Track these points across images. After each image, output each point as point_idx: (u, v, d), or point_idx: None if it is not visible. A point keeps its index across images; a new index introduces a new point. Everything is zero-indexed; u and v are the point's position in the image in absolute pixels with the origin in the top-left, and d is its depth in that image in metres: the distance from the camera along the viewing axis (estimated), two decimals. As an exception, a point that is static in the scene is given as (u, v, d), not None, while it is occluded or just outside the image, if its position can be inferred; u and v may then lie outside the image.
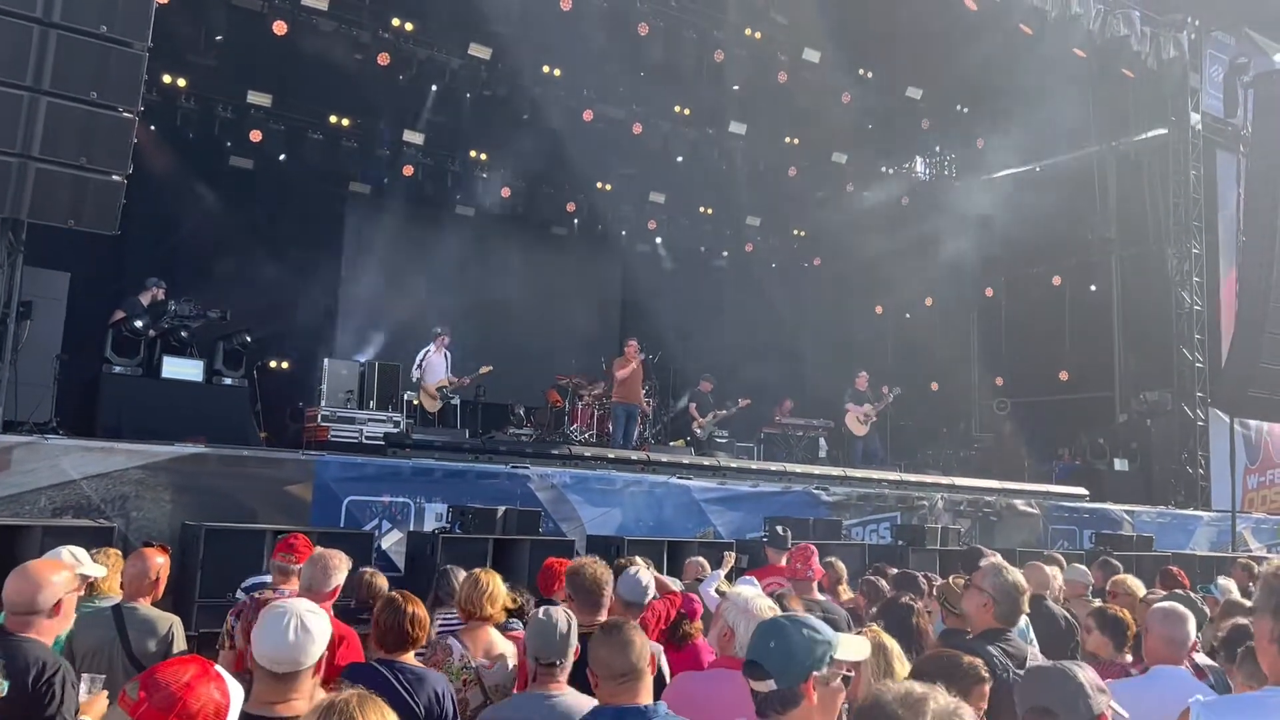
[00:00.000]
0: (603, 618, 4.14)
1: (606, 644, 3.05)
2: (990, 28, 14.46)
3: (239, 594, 5.65)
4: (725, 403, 15.74)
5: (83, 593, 4.07)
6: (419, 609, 3.79)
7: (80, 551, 4.53)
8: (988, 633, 3.90)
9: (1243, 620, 4.53)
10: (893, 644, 3.36)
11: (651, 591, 4.71)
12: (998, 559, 5.04)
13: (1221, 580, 6.93)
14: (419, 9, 14.64)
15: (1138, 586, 5.84)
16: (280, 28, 13.46)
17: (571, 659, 3.44)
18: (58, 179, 7.45)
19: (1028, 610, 4.13)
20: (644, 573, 4.72)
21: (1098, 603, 5.80)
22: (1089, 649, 4.81)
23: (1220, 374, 16.02)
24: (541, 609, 3.60)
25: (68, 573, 3.66)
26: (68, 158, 7.45)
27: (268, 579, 5.53)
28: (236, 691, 2.30)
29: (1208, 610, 4.90)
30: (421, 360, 13.81)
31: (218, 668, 2.31)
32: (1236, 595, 6.27)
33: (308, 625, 2.78)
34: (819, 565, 6.11)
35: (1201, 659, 4.34)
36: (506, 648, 4.33)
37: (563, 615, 3.51)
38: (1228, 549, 13.99)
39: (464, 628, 4.40)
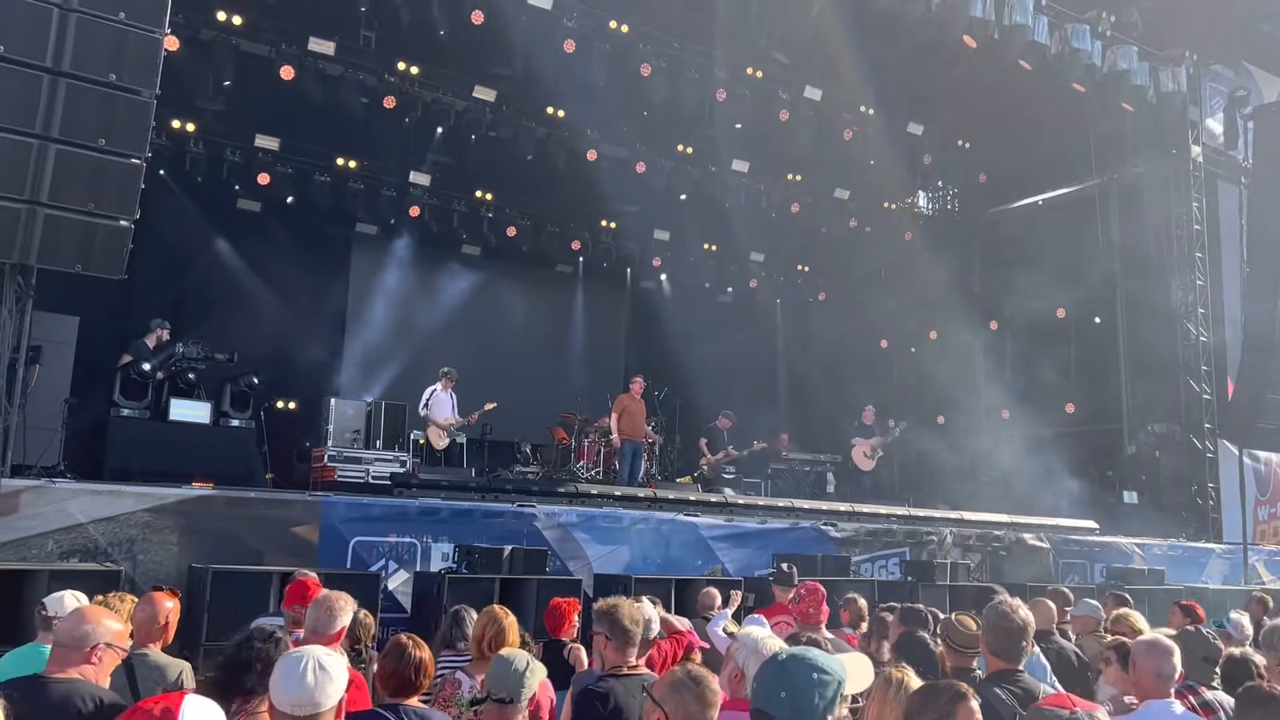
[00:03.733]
0: (632, 658, 4.13)
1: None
2: (990, 64, 14.59)
3: None
4: (733, 445, 15.70)
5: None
6: (425, 655, 3.78)
7: (82, 596, 4.54)
8: (995, 674, 3.87)
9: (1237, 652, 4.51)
10: (914, 683, 3.29)
11: (656, 626, 4.68)
12: (1004, 595, 5.01)
13: (1234, 615, 6.85)
14: (424, 53, 14.84)
15: (1139, 621, 5.79)
16: (287, 72, 13.67)
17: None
18: (66, 225, 7.51)
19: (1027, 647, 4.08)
20: (648, 606, 4.69)
21: (1109, 638, 5.76)
22: (1108, 682, 4.76)
23: (1227, 405, 15.96)
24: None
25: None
26: (76, 204, 7.51)
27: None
28: (198, 709, 2.30)
29: (1222, 645, 4.85)
30: (429, 399, 13.81)
31: (195, 695, 2.35)
32: (1249, 630, 6.21)
33: (325, 666, 2.76)
34: (828, 607, 6.06)
35: (1209, 694, 4.31)
36: None
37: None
38: (1240, 582, 13.87)
39: (472, 662, 4.39)
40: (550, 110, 15.89)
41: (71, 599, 4.45)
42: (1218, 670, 4.45)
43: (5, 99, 7.24)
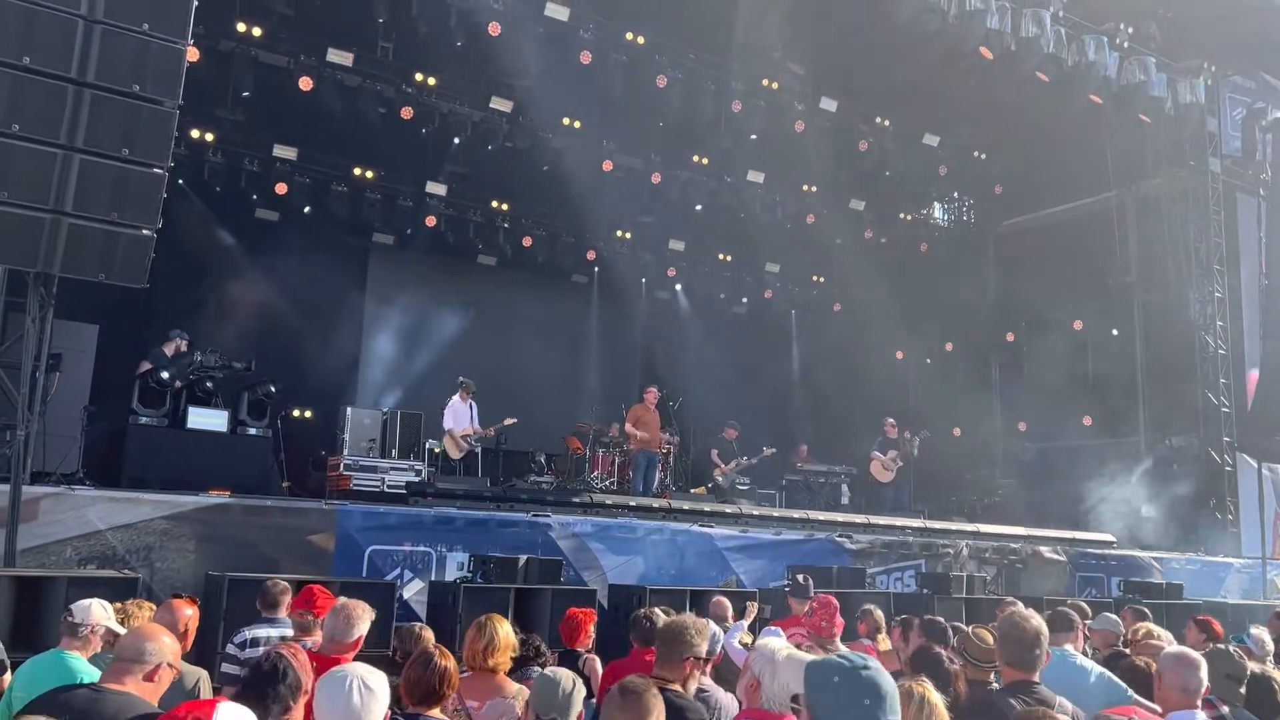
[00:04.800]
0: (667, 673, 4.09)
1: (624, 708, 3.00)
2: (1006, 75, 14.56)
3: (230, 648, 5.59)
4: (747, 452, 15.68)
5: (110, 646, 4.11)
6: (450, 665, 3.78)
7: (108, 605, 4.57)
8: (1012, 684, 3.87)
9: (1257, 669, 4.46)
10: (937, 700, 3.27)
11: (720, 641, 4.64)
12: (1019, 606, 5.00)
13: (1254, 630, 6.78)
14: (441, 64, 14.93)
15: (1161, 635, 5.75)
16: (306, 83, 13.79)
17: (575, 719, 3.42)
18: (89, 234, 7.57)
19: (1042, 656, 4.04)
20: (714, 625, 4.64)
21: (1128, 652, 5.72)
22: None
23: (1246, 418, 15.85)
24: (548, 668, 3.57)
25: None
26: (99, 213, 7.57)
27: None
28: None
29: (1248, 663, 4.80)
30: (449, 412, 13.77)
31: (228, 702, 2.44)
32: (1270, 645, 6.15)
33: (370, 686, 2.82)
34: (841, 619, 6.04)
35: (1225, 709, 4.27)
36: (515, 691, 4.29)
37: (568, 675, 3.50)
38: (1260, 597, 13.74)
39: (469, 675, 4.39)
40: (566, 121, 15.96)
41: (99, 607, 4.50)
42: (1243, 690, 4.41)
43: (31, 110, 7.30)
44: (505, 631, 4.50)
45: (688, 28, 15.08)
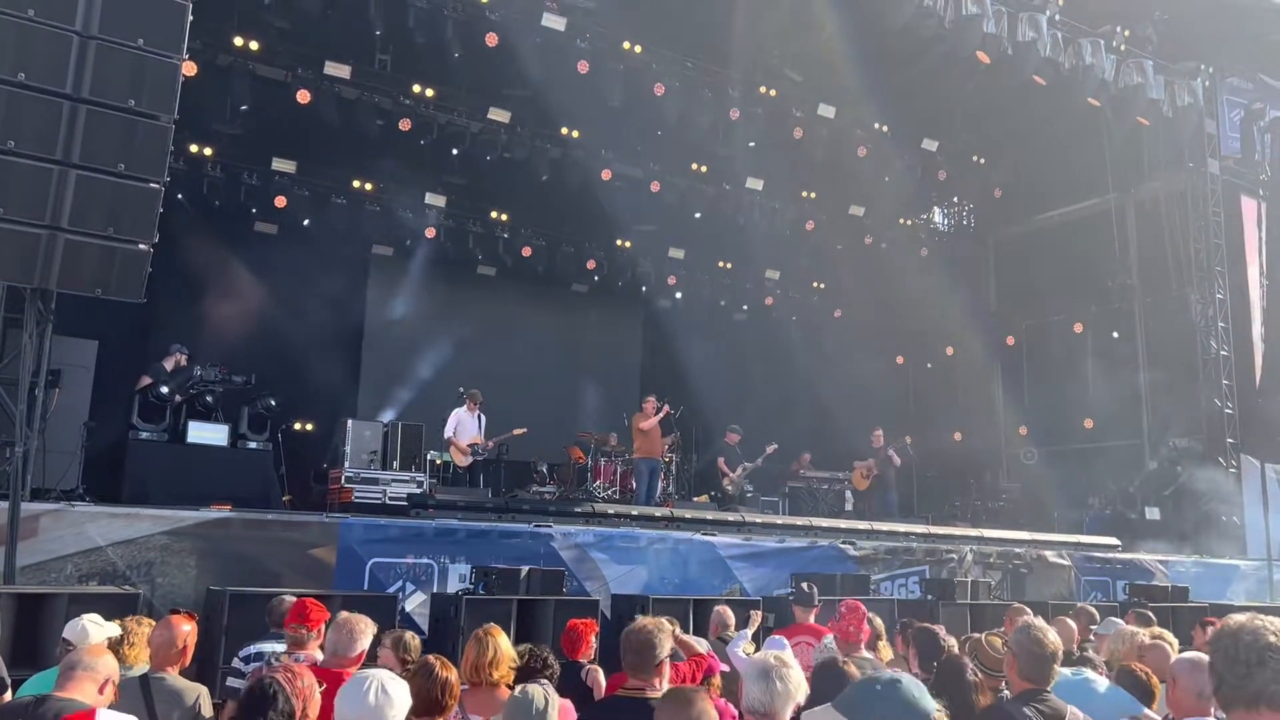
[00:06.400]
0: (656, 680, 4.07)
1: (670, 710, 3.00)
2: (1004, 79, 14.58)
3: (236, 663, 5.56)
4: (750, 455, 15.64)
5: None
6: (452, 676, 3.75)
7: (98, 618, 4.57)
8: (1023, 693, 3.85)
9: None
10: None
11: (666, 648, 4.59)
12: (1028, 615, 4.95)
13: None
14: (439, 75, 14.95)
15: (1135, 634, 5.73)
16: (304, 96, 13.80)
17: None
18: (86, 249, 7.54)
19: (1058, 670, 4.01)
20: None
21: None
22: None
23: (1251, 419, 15.80)
24: (519, 687, 3.55)
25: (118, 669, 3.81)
26: (96, 228, 7.54)
27: (266, 647, 5.47)
28: None
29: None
30: (455, 424, 13.70)
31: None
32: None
33: (388, 690, 2.92)
34: (868, 626, 5.96)
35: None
36: None
37: (539, 692, 3.48)
38: (1266, 599, 13.69)
39: (467, 690, 4.35)
40: (564, 130, 15.98)
41: (93, 626, 4.48)
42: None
43: (26, 125, 7.29)
44: (505, 643, 4.47)
45: (685, 36, 15.10)
